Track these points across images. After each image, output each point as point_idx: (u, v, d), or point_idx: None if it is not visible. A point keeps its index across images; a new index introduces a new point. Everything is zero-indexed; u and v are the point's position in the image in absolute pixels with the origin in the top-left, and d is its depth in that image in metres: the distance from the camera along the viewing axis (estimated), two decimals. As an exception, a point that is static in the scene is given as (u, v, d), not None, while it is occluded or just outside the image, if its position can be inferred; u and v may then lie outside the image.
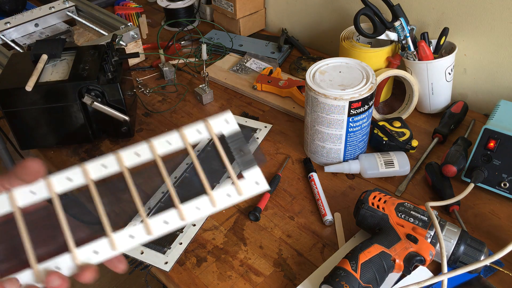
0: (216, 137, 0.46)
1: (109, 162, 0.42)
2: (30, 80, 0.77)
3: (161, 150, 0.44)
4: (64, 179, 0.42)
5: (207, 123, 0.46)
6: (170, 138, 0.45)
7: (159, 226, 0.42)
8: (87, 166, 0.42)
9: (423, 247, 0.58)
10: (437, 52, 0.89)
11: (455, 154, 0.74)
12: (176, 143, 0.45)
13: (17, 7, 1.31)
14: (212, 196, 0.44)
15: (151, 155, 0.44)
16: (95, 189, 0.42)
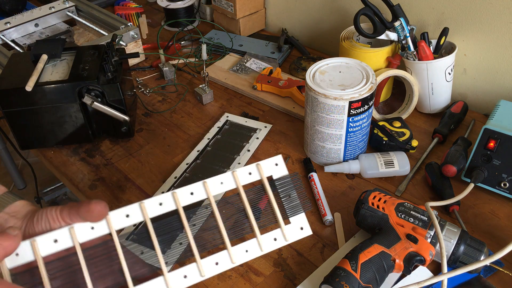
0: (266, 180, 0.48)
1: (165, 200, 0.44)
2: (30, 80, 0.77)
3: (214, 191, 0.47)
4: (122, 216, 0.43)
5: (259, 166, 0.47)
6: (223, 179, 0.48)
7: (211, 267, 0.46)
8: (145, 204, 0.43)
9: (423, 247, 0.58)
10: (437, 52, 0.89)
11: (455, 154, 0.74)
12: (229, 183, 0.49)
13: (17, 7, 1.31)
14: (260, 240, 0.47)
15: (205, 195, 0.47)
16: (151, 226, 0.43)
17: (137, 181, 0.80)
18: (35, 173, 1.42)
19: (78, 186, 0.80)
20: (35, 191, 1.68)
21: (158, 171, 0.82)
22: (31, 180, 1.99)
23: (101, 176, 0.82)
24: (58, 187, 1.91)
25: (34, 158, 1.85)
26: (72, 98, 0.80)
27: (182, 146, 0.87)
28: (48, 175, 1.99)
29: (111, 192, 0.78)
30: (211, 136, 0.74)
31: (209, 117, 0.95)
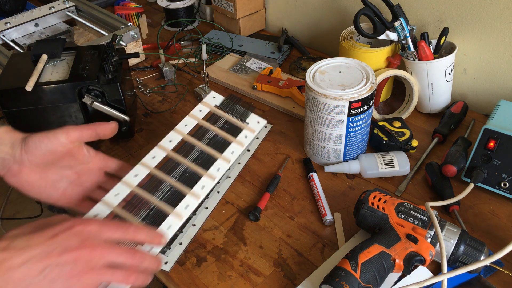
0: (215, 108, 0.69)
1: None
2: (30, 80, 0.77)
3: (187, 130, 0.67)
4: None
5: (204, 103, 0.70)
6: (187, 122, 0.67)
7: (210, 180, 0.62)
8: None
9: (423, 247, 0.58)
10: (437, 52, 0.89)
11: (455, 154, 0.74)
12: (191, 123, 0.67)
13: (17, 7, 1.31)
14: (238, 140, 0.66)
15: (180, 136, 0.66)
16: None
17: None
18: (35, 173, 1.42)
19: (78, 186, 0.80)
20: (35, 191, 1.67)
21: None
22: (31, 180, 1.99)
23: (101, 176, 0.82)
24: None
25: (34, 158, 1.85)
26: (72, 98, 0.80)
27: (182, 146, 0.87)
28: (48, 175, 1.99)
29: (111, 192, 0.78)
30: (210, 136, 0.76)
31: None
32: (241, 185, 0.79)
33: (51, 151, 0.55)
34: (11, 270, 0.42)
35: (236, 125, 0.67)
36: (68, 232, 0.45)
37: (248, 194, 0.77)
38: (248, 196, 0.77)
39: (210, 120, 0.67)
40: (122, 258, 0.47)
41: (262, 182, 0.79)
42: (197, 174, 0.61)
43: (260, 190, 0.77)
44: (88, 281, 0.45)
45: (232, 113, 0.69)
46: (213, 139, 0.66)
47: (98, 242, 0.46)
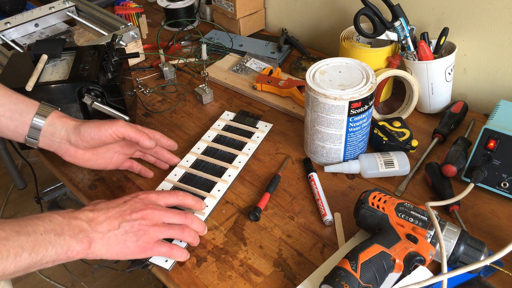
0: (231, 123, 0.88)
1: None
2: (30, 80, 0.77)
3: (211, 138, 0.87)
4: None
5: (221, 119, 0.91)
6: (210, 133, 0.88)
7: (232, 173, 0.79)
8: None
9: (423, 247, 0.58)
10: (437, 52, 0.89)
11: (455, 154, 0.74)
12: (214, 134, 0.87)
13: (17, 7, 1.31)
14: (252, 140, 0.84)
15: None
16: None
17: (137, 181, 0.80)
18: (35, 173, 1.42)
19: (78, 186, 0.80)
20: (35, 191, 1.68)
21: (158, 171, 0.82)
22: (31, 180, 1.99)
23: (101, 176, 0.82)
24: (58, 187, 1.92)
25: (34, 158, 1.85)
26: (72, 98, 0.80)
27: (182, 146, 0.87)
28: (48, 175, 1.99)
29: (111, 192, 0.78)
30: (213, 135, 0.86)
31: (209, 117, 0.95)
32: (241, 185, 0.79)
33: (102, 141, 0.68)
34: (99, 224, 0.57)
35: (248, 130, 0.86)
36: (135, 199, 0.62)
37: (248, 194, 0.77)
38: (248, 196, 0.77)
39: (228, 130, 0.87)
40: (176, 219, 0.63)
41: (262, 182, 0.79)
42: (223, 167, 0.79)
43: (260, 190, 0.77)
44: (152, 233, 0.60)
45: (244, 122, 0.88)
46: (232, 142, 0.85)
47: (158, 205, 0.62)
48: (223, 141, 0.85)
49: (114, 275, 1.62)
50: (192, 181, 0.77)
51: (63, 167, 0.84)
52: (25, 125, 0.66)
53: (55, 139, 0.68)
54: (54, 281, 1.62)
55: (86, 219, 0.57)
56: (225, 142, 0.84)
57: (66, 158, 0.70)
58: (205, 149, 0.83)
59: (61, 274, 1.64)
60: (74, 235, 0.55)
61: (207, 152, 0.82)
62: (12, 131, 0.66)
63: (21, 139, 0.68)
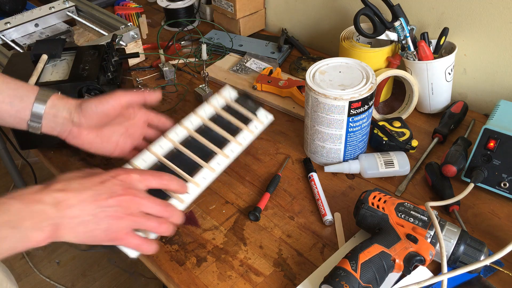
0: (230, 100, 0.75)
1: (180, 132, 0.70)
2: (30, 80, 0.77)
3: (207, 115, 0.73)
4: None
5: (219, 93, 0.75)
6: (206, 109, 0.73)
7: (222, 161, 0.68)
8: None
9: (423, 247, 0.58)
10: (437, 52, 0.89)
11: (455, 154, 0.74)
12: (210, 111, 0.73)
13: (17, 7, 1.31)
14: (247, 128, 0.72)
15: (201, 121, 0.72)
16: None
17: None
18: (35, 173, 1.42)
19: (78, 186, 0.80)
20: (35, 191, 1.67)
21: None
22: (31, 180, 1.99)
23: (101, 176, 0.82)
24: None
25: (34, 158, 1.85)
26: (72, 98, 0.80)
27: (182, 146, 0.87)
28: (48, 175, 1.99)
29: (111, 192, 0.78)
30: (209, 112, 0.74)
31: (209, 117, 0.95)
32: (241, 185, 0.79)
33: (105, 114, 0.64)
34: (68, 208, 0.50)
35: (248, 116, 0.74)
36: (114, 179, 0.54)
37: (248, 194, 0.77)
38: (248, 196, 0.77)
39: (226, 110, 0.74)
40: (156, 209, 0.56)
41: (262, 182, 0.79)
42: (213, 151, 0.69)
43: (260, 190, 0.77)
44: (126, 223, 0.53)
45: (245, 106, 0.75)
46: (227, 125, 0.73)
47: (139, 191, 0.55)
48: (219, 121, 0.73)
49: (113, 275, 1.62)
50: (177, 159, 0.67)
51: (64, 167, 0.84)
52: (26, 109, 0.63)
53: (58, 120, 0.64)
54: (54, 281, 1.61)
55: (52, 202, 0.50)
56: (221, 123, 0.73)
57: (70, 140, 0.66)
58: (198, 125, 0.72)
59: (61, 274, 1.64)
60: (35, 224, 0.49)
61: (200, 130, 0.72)
62: (13, 117, 0.64)
63: (24, 125, 0.65)
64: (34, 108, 0.63)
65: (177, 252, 0.68)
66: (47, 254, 1.72)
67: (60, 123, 0.64)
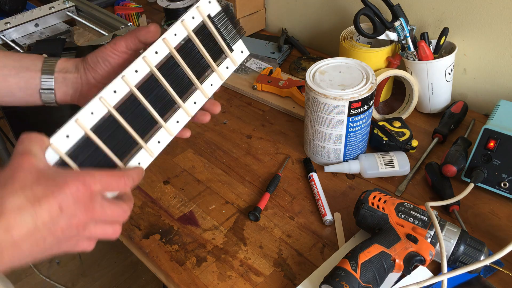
0: (208, 20, 0.55)
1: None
2: (30, 80, 0.77)
3: (173, 43, 0.53)
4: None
5: (198, 8, 0.54)
6: (176, 30, 0.53)
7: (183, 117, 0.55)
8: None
9: (423, 247, 0.58)
10: (437, 52, 0.89)
11: (455, 154, 0.74)
12: (182, 33, 0.54)
13: (17, 7, 1.31)
14: (218, 71, 0.56)
15: (168, 49, 0.53)
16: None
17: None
18: (35, 173, 1.42)
19: (78, 186, 0.80)
20: (35, 191, 1.67)
21: (158, 171, 0.82)
22: (31, 180, 1.99)
23: (101, 176, 0.82)
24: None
25: (34, 158, 1.85)
26: (72, 98, 0.79)
27: (182, 146, 0.87)
28: (48, 175, 1.99)
29: (111, 192, 0.78)
30: (182, 34, 0.55)
31: (209, 117, 0.95)
32: (241, 185, 0.79)
33: (107, 60, 0.57)
34: (16, 235, 0.38)
35: (222, 49, 0.57)
36: (75, 203, 0.43)
37: (248, 194, 0.77)
38: (248, 196, 0.77)
39: (199, 33, 0.55)
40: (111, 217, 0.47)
41: (262, 182, 0.79)
42: (174, 102, 0.54)
43: (260, 190, 0.77)
44: (80, 246, 0.46)
45: (223, 31, 0.57)
46: (196, 59, 0.56)
47: (98, 206, 0.45)
48: (189, 51, 0.55)
49: (114, 275, 1.62)
50: (132, 111, 0.51)
51: (63, 167, 0.84)
52: (36, 78, 0.60)
53: (68, 81, 0.60)
54: (54, 281, 1.61)
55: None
56: (190, 54, 0.55)
57: (82, 103, 0.59)
58: (165, 57, 0.53)
59: (61, 274, 1.64)
60: None
61: (165, 65, 0.53)
62: (24, 90, 0.60)
63: (36, 96, 0.61)
64: (43, 74, 0.59)
65: (177, 252, 0.68)
66: (47, 254, 1.72)
67: (71, 83, 0.60)
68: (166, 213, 0.74)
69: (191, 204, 0.75)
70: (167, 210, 0.75)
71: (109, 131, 0.49)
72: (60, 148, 0.46)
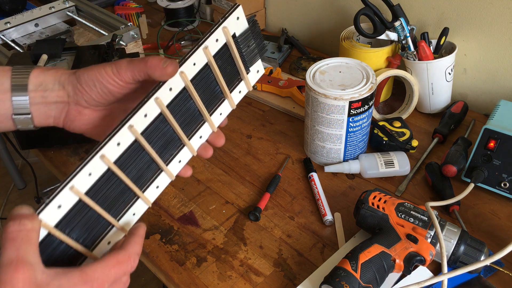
0: (232, 41, 0.48)
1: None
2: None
3: (190, 75, 0.46)
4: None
5: (225, 29, 0.47)
6: (196, 59, 0.46)
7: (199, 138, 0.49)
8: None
9: (423, 247, 0.58)
10: (437, 52, 0.89)
11: (455, 154, 0.74)
12: (201, 61, 0.46)
13: (17, 7, 1.31)
14: (230, 98, 0.50)
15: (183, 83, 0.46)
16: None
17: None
18: (35, 173, 1.42)
19: (78, 186, 0.80)
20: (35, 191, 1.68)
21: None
22: (31, 180, 1.99)
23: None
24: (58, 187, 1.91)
25: (34, 158, 1.85)
26: (72, 98, 0.79)
27: (182, 146, 0.87)
28: (48, 175, 1.99)
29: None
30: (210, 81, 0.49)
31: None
32: (241, 185, 0.79)
33: (108, 91, 0.46)
34: None
35: (239, 71, 0.51)
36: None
37: (248, 194, 0.77)
38: (248, 196, 0.76)
39: (219, 58, 0.48)
40: None
41: (262, 182, 0.79)
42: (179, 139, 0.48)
43: (260, 190, 0.77)
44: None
45: (244, 52, 0.50)
46: (211, 88, 0.49)
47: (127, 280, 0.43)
48: (204, 80, 0.48)
49: (114, 275, 1.62)
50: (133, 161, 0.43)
51: (64, 167, 0.84)
52: (5, 100, 0.46)
53: (50, 100, 0.47)
54: (54, 281, 1.61)
55: None
56: (205, 83, 0.48)
57: (69, 126, 0.50)
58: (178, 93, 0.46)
59: (61, 274, 1.64)
60: None
61: (176, 101, 0.45)
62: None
63: (9, 123, 0.48)
64: (14, 95, 0.46)
65: (177, 252, 0.68)
66: (47, 254, 1.72)
67: (53, 104, 0.47)
68: (166, 213, 0.74)
69: (191, 204, 0.75)
70: (167, 210, 0.75)
71: (104, 189, 0.42)
72: (49, 222, 0.39)
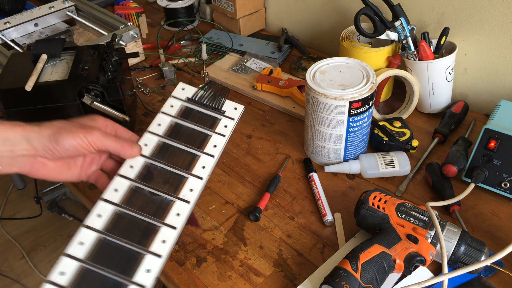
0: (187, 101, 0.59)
1: None
2: (29, 80, 0.77)
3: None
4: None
5: (172, 98, 0.59)
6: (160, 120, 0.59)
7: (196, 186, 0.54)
8: None
9: (424, 247, 0.58)
10: (437, 52, 0.89)
11: (455, 154, 0.74)
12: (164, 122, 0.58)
13: (16, 7, 1.31)
14: (218, 132, 0.58)
15: None
16: None
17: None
18: (35, 173, 1.42)
19: (77, 186, 0.80)
20: (35, 191, 1.68)
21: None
22: (31, 180, 1.99)
23: (101, 176, 0.82)
24: (57, 187, 1.91)
25: (34, 158, 1.84)
26: (72, 98, 0.79)
27: (182, 146, 0.87)
28: (48, 175, 1.99)
29: (111, 192, 0.78)
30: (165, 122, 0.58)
31: (209, 117, 0.94)
32: (241, 185, 0.79)
33: (79, 153, 0.55)
34: None
35: (213, 115, 0.59)
36: None
37: (248, 194, 0.77)
38: (248, 196, 0.76)
39: (184, 115, 0.58)
40: None
41: (262, 182, 0.79)
42: (182, 177, 0.53)
43: (260, 190, 0.77)
44: None
45: (206, 103, 0.59)
46: (191, 135, 0.57)
47: None
48: (179, 133, 0.57)
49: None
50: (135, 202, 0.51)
51: (63, 167, 0.84)
52: None
53: (16, 153, 0.52)
54: (54, 281, 1.61)
55: None
56: (181, 134, 0.57)
57: (34, 174, 0.55)
58: (156, 146, 0.56)
59: (61, 274, 1.64)
60: None
61: (159, 151, 0.55)
62: None
63: None
64: None
65: (177, 252, 0.68)
66: (47, 254, 1.72)
67: (19, 158, 0.52)
68: (166, 213, 0.74)
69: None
70: (167, 210, 0.74)
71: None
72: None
